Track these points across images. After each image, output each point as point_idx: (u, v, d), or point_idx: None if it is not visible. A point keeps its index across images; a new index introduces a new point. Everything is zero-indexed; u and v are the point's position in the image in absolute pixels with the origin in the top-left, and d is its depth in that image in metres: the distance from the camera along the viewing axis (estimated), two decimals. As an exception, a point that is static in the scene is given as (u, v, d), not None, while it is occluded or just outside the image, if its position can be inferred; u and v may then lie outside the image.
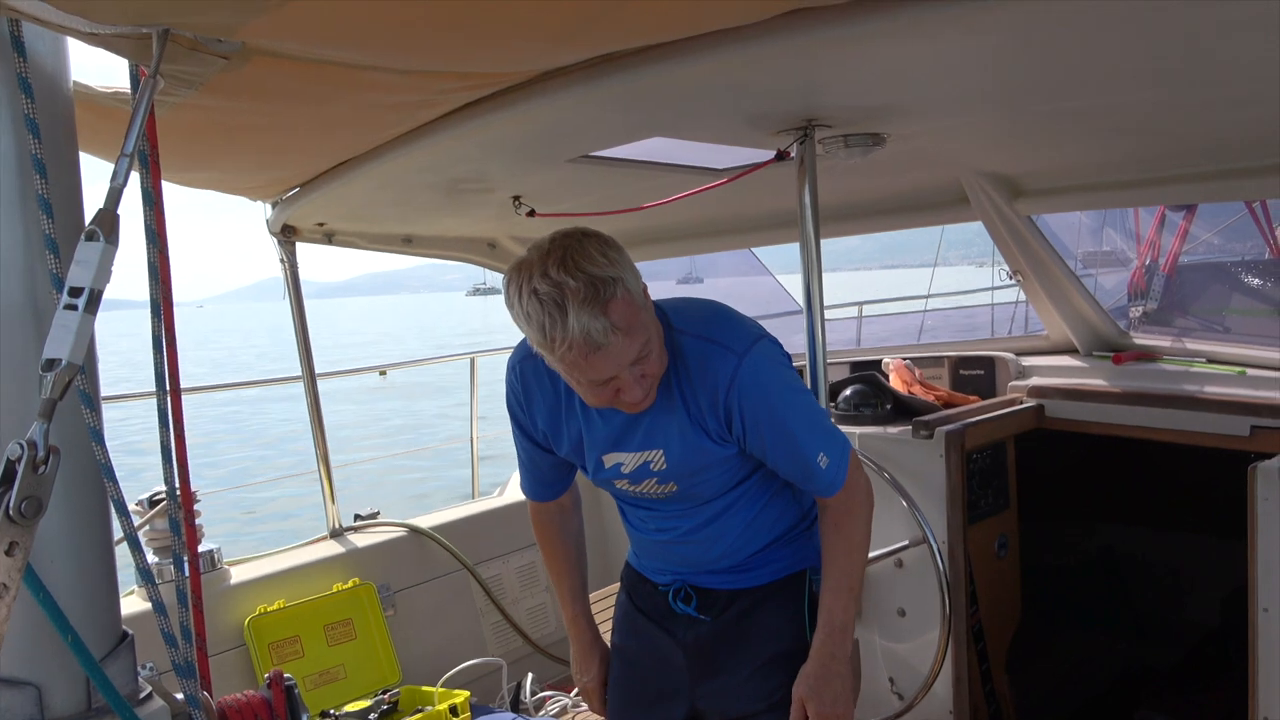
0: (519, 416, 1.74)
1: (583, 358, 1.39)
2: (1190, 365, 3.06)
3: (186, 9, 1.02)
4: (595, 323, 1.36)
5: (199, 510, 2.85)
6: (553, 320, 1.36)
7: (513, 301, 1.42)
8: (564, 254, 1.38)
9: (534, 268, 1.39)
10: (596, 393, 1.49)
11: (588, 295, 1.36)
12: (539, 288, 1.37)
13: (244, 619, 2.92)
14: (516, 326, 1.46)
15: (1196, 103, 1.88)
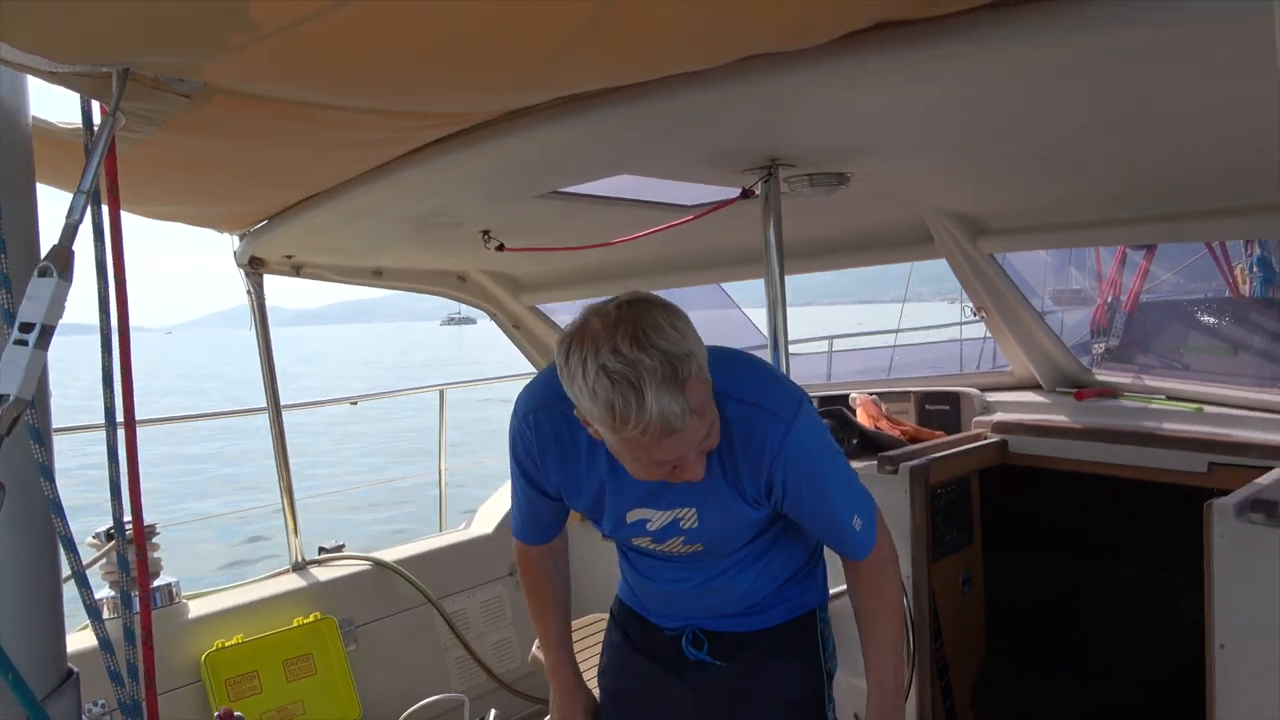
0: (526, 466, 1.63)
1: (655, 441, 1.28)
2: (1150, 402, 3.11)
3: (147, 49, 1.03)
4: (674, 405, 1.25)
5: (157, 544, 2.82)
6: (626, 402, 1.24)
7: (575, 375, 1.29)
8: (635, 326, 1.27)
9: (601, 341, 1.27)
10: (653, 471, 1.38)
11: (665, 375, 1.25)
12: (609, 364, 1.25)
13: (201, 654, 2.87)
14: (572, 397, 1.33)
15: (1149, 147, 1.93)
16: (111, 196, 1.15)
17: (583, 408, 1.32)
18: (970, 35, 1.17)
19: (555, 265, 3.50)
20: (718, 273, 3.64)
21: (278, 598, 3.16)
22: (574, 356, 1.30)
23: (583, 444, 1.54)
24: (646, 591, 1.81)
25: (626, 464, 1.41)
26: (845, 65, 1.28)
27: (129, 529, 1.24)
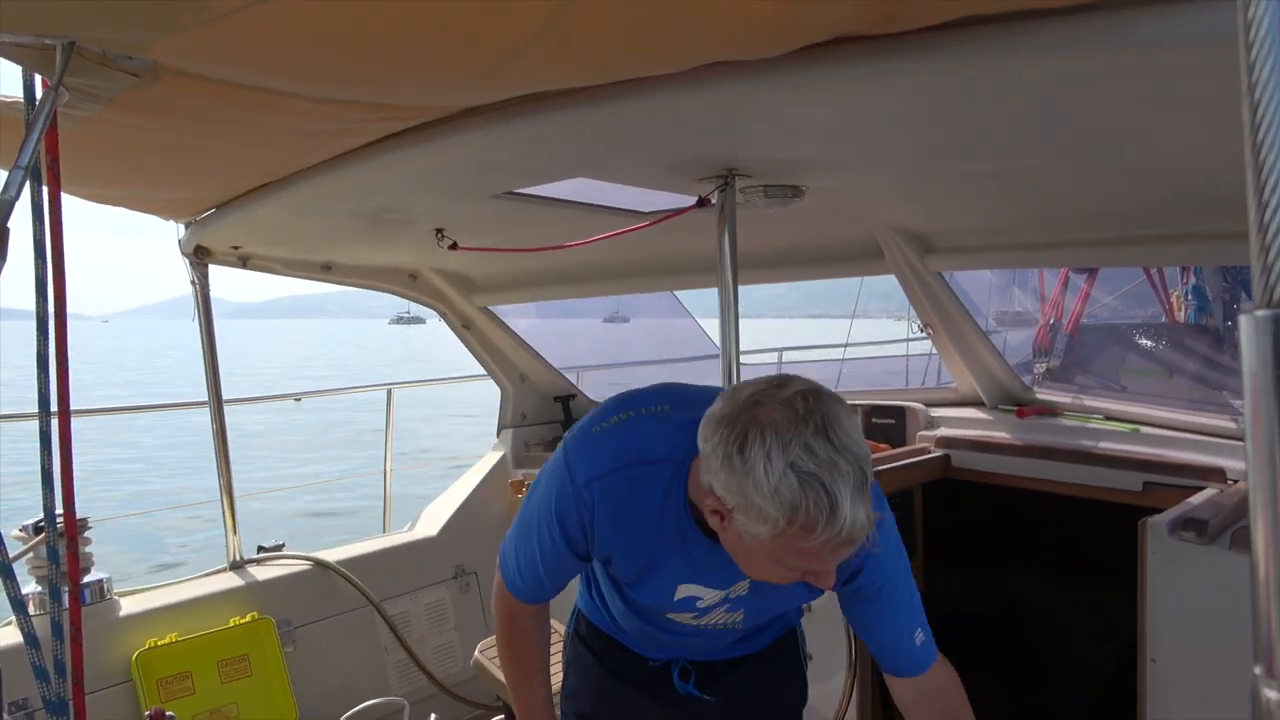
0: (570, 531, 1.44)
1: (830, 550, 1.16)
2: (1088, 421, 3.18)
3: (95, 23, 1.00)
4: (862, 516, 1.14)
5: (89, 537, 2.74)
6: (818, 508, 1.11)
7: (753, 469, 1.14)
8: (823, 422, 1.15)
9: (788, 434, 1.14)
10: (784, 576, 1.25)
11: (858, 481, 1.14)
12: (801, 463, 1.12)
13: (132, 653, 2.79)
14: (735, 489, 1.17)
15: (1091, 171, 1.98)
16: (51, 175, 1.12)
17: (744, 504, 1.17)
18: (925, 54, 1.19)
19: (509, 266, 3.48)
20: (672, 280, 3.65)
21: (214, 596, 3.09)
22: (754, 448, 1.15)
23: (649, 513, 1.39)
24: (638, 632, 1.70)
25: (753, 563, 1.27)
26: (803, 77, 1.30)
27: (60, 521, 1.20)
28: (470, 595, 3.88)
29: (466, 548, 3.92)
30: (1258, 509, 0.53)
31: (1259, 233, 0.51)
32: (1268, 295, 0.52)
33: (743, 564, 1.29)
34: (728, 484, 1.18)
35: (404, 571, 3.66)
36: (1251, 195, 0.51)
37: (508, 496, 4.13)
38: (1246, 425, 0.53)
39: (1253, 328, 0.52)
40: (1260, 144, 0.51)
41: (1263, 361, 0.52)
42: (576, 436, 1.45)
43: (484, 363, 4.21)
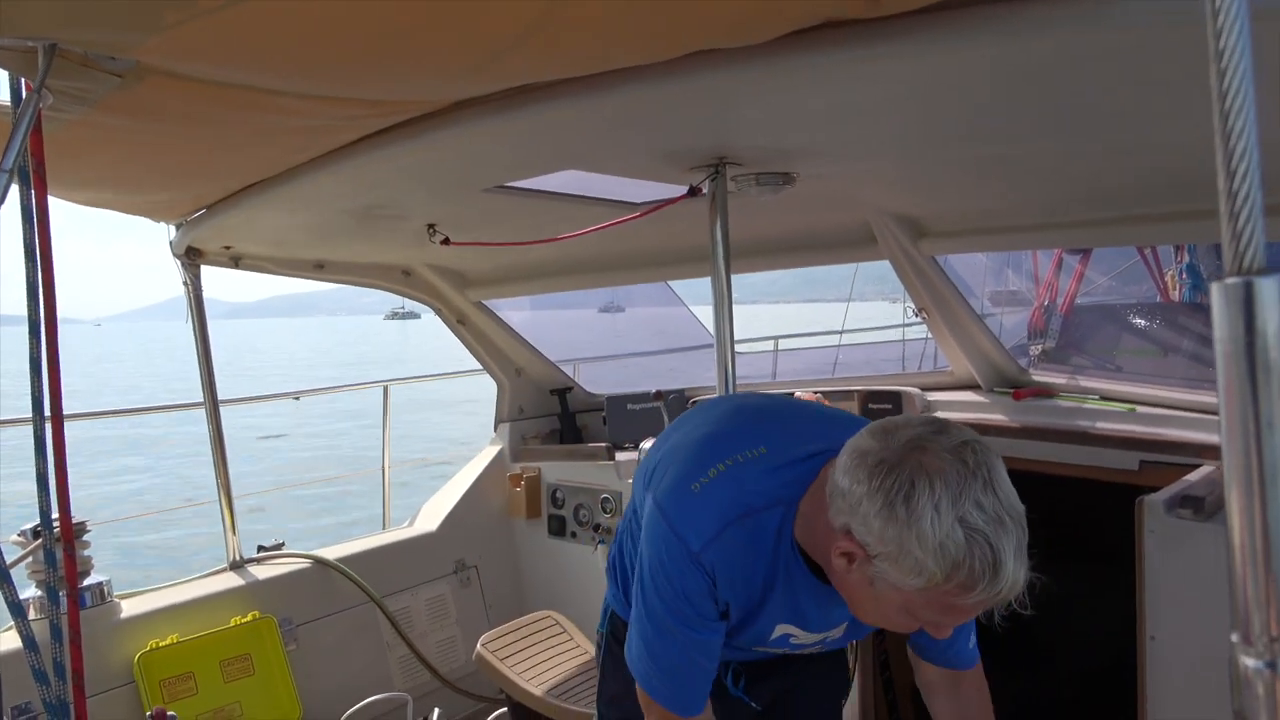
0: (703, 608, 1.36)
1: (976, 607, 1.12)
2: (1084, 402, 3.19)
3: (76, 25, 0.99)
4: (1021, 575, 1.10)
5: (87, 541, 2.74)
6: (983, 567, 1.07)
7: (919, 519, 1.09)
8: (990, 477, 1.11)
9: (958, 487, 1.09)
10: (904, 624, 1.22)
11: (1020, 543, 1.10)
12: (971, 519, 1.07)
13: (134, 655, 2.79)
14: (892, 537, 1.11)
15: (1086, 152, 1.97)
16: (38, 178, 1.11)
17: (905, 555, 1.11)
18: (912, 37, 1.19)
19: (502, 260, 3.48)
20: (665, 270, 3.64)
21: (214, 597, 3.09)
22: (923, 498, 1.09)
23: (763, 560, 1.34)
24: None
25: (879, 610, 1.22)
26: (790, 64, 1.29)
27: (57, 525, 1.20)
28: (471, 589, 3.89)
29: (466, 542, 3.93)
30: (1231, 476, 0.53)
31: (1227, 200, 0.52)
32: (1237, 263, 0.52)
33: (859, 608, 1.25)
34: (883, 532, 1.12)
35: (404, 567, 3.67)
36: (1220, 164, 0.52)
37: (506, 490, 4.13)
38: (1220, 393, 0.54)
39: (1223, 296, 0.52)
40: (1227, 112, 0.51)
41: (1234, 328, 0.52)
42: (673, 499, 1.36)
43: (479, 357, 4.20)
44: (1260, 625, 0.54)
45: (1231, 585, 0.54)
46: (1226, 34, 0.51)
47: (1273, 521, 0.53)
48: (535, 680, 3.11)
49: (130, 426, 21.30)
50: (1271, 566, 0.53)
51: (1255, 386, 0.52)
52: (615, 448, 3.85)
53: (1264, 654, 0.54)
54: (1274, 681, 0.53)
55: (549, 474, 4.06)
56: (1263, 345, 0.52)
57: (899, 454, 1.13)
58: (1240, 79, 0.51)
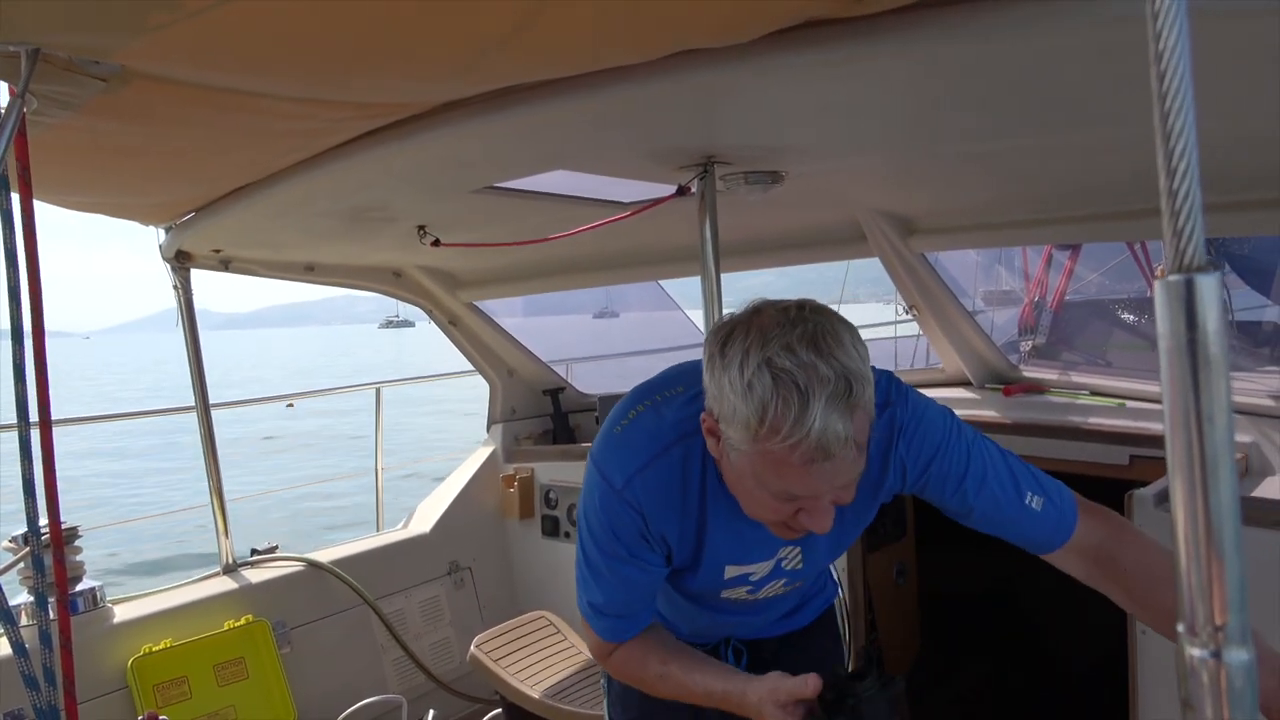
0: (635, 546, 1.36)
1: (803, 464, 1.10)
2: (1075, 397, 3.20)
3: (60, 29, 0.99)
4: (838, 426, 1.07)
5: (79, 547, 2.73)
6: (787, 405, 1.06)
7: (730, 365, 1.12)
8: (815, 331, 1.11)
9: (772, 335, 1.10)
10: (776, 508, 1.20)
11: (838, 390, 1.07)
12: (776, 360, 1.08)
13: (128, 660, 2.79)
14: (713, 393, 1.16)
15: (1069, 148, 1.98)
16: (23, 183, 1.11)
17: (722, 406, 1.14)
18: (895, 35, 1.19)
19: (492, 261, 3.48)
20: (656, 270, 3.65)
21: (208, 600, 3.09)
22: (734, 345, 1.12)
23: (692, 491, 1.34)
24: (688, 617, 1.64)
25: (745, 492, 1.22)
26: (775, 63, 1.30)
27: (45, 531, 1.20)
28: (465, 591, 3.89)
29: (460, 543, 3.93)
30: (1175, 468, 0.54)
31: (1169, 199, 0.52)
32: (1178, 260, 0.53)
33: (740, 499, 1.25)
34: (710, 387, 1.17)
35: (398, 569, 3.66)
36: (1161, 164, 0.52)
37: (499, 491, 4.13)
38: (1163, 387, 0.55)
39: (1165, 292, 0.53)
40: (1167, 112, 0.52)
41: (1175, 324, 0.53)
42: (600, 444, 1.39)
43: (471, 358, 4.20)
44: (1204, 615, 0.54)
45: (1176, 576, 0.55)
46: (1166, 34, 0.52)
47: (1214, 513, 0.54)
48: (530, 681, 3.11)
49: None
50: (1213, 557, 0.54)
51: (1196, 380, 0.53)
52: (608, 447, 3.86)
53: (1208, 643, 0.55)
54: (1218, 670, 0.54)
55: (542, 474, 4.06)
56: (1203, 340, 0.53)
57: (734, 316, 1.18)
58: (1180, 79, 0.52)
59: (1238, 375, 3.14)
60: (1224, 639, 0.54)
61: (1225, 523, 0.54)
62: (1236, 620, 0.54)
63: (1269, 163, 1.99)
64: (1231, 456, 0.54)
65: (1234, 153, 1.87)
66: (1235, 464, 0.55)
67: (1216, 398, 0.53)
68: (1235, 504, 0.54)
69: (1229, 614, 0.54)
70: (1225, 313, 0.54)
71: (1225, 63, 1.23)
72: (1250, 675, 0.55)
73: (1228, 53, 1.19)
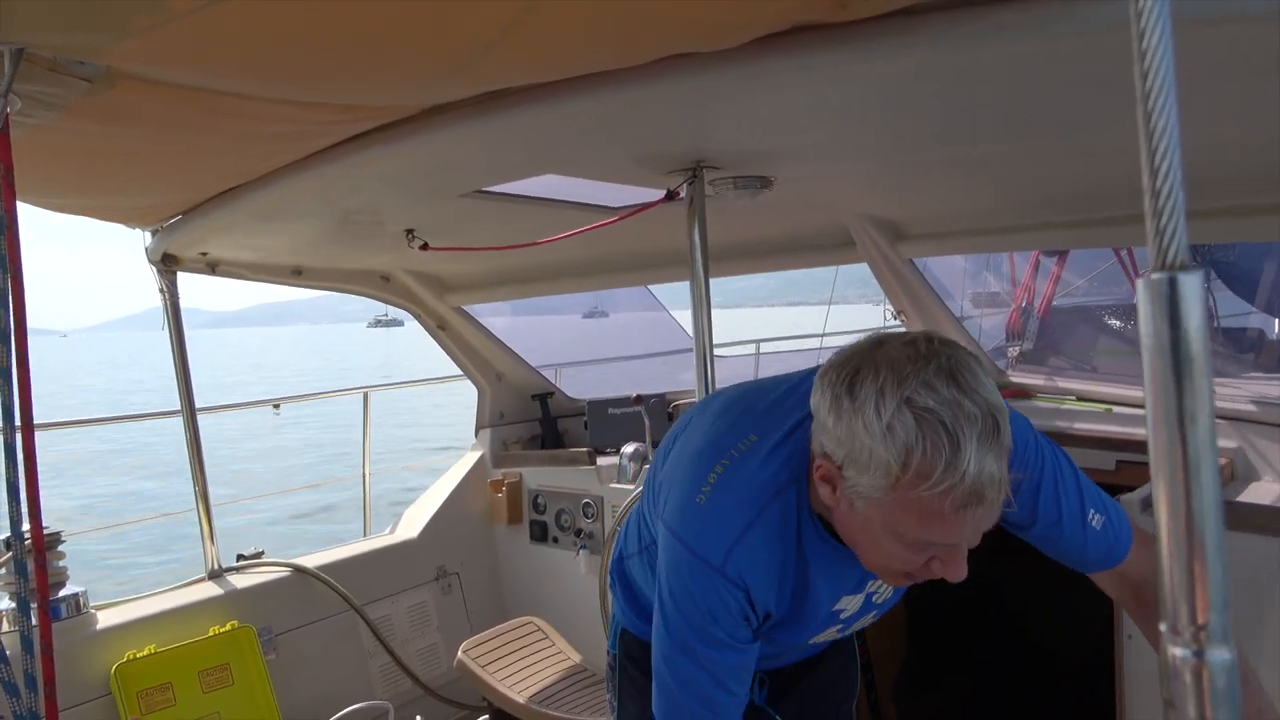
0: (729, 628, 1.22)
1: (954, 510, 1.01)
2: (1062, 402, 3.21)
3: (44, 29, 0.99)
4: (993, 467, 0.99)
5: (62, 552, 2.71)
6: (936, 449, 0.98)
7: (862, 408, 1.03)
8: (951, 365, 1.02)
9: (902, 371, 1.02)
10: (906, 559, 1.11)
11: (988, 428, 0.99)
12: (917, 399, 0.99)
13: (111, 666, 2.76)
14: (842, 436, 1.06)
15: (1058, 154, 1.99)
16: (6, 185, 1.10)
17: (853, 452, 1.05)
18: (881, 41, 1.20)
19: (480, 265, 3.47)
20: (644, 274, 3.65)
21: (193, 606, 3.06)
22: (864, 385, 1.03)
23: (789, 547, 1.24)
24: None
25: (871, 543, 1.12)
26: (763, 68, 1.30)
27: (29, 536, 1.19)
28: (452, 596, 3.87)
29: (447, 549, 3.91)
30: (1158, 469, 0.54)
31: (1151, 198, 0.53)
32: (1161, 258, 0.53)
33: (860, 548, 1.15)
34: (835, 431, 1.06)
35: (385, 574, 3.65)
36: (1144, 163, 0.53)
37: (487, 496, 4.12)
38: (1145, 387, 0.55)
39: (1147, 291, 0.53)
40: (1150, 112, 0.52)
41: (1158, 323, 0.53)
42: (681, 517, 1.25)
43: (460, 363, 4.19)
44: (1186, 615, 0.55)
45: (1159, 576, 0.55)
46: (1149, 34, 0.52)
47: (1196, 513, 0.54)
48: (517, 687, 3.10)
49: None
50: (1196, 556, 0.54)
51: (1179, 380, 0.53)
52: (597, 452, 3.85)
53: (1190, 643, 0.55)
54: (1200, 669, 0.55)
55: (530, 479, 4.05)
56: (1185, 340, 0.53)
57: (853, 353, 1.10)
58: (1162, 79, 0.52)
59: (1222, 381, 3.16)
60: (1206, 638, 0.55)
61: (1208, 522, 0.54)
62: (1219, 620, 0.54)
63: (1253, 169, 2.00)
64: (1214, 456, 0.54)
65: (1218, 159, 1.88)
66: (1218, 463, 0.55)
67: (1199, 397, 0.53)
68: (1218, 503, 0.54)
69: (1211, 613, 0.54)
70: (1208, 312, 0.54)
71: (1209, 69, 1.24)
72: (1232, 674, 0.55)
73: (1211, 59, 1.20)
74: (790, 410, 1.27)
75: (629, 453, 3.57)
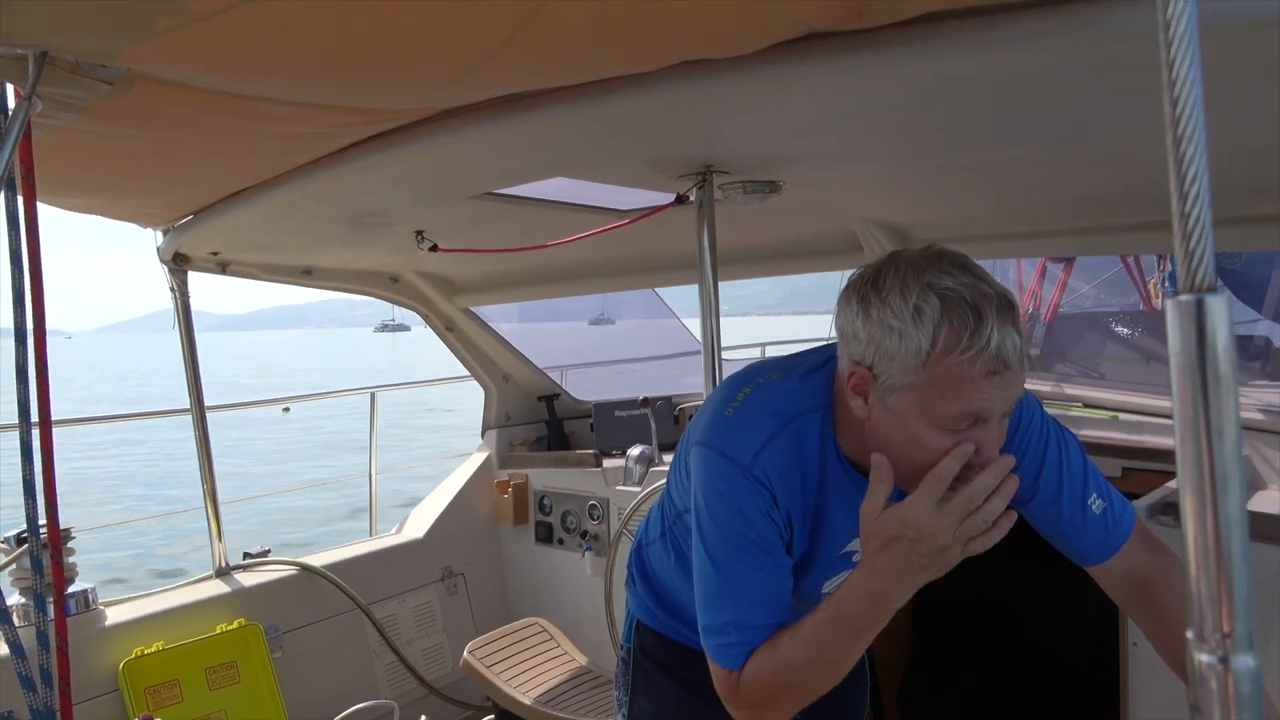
0: (763, 529, 1.25)
1: (985, 376, 1.08)
2: (1068, 409, 3.22)
3: (67, 33, 1.00)
4: (1013, 338, 1.08)
5: (73, 549, 2.72)
6: (962, 321, 1.07)
7: (886, 300, 1.12)
8: (962, 259, 1.14)
9: (919, 265, 1.12)
10: (951, 440, 1.13)
11: (1004, 304, 1.09)
12: (939, 282, 1.09)
13: (119, 663, 2.78)
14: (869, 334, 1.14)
15: (1068, 161, 2.00)
16: (27, 186, 1.12)
17: (884, 345, 1.12)
18: (895, 49, 1.20)
19: (489, 267, 3.48)
20: (653, 278, 3.66)
21: (200, 604, 3.08)
22: (888, 281, 1.12)
23: (813, 468, 1.28)
24: None
25: (907, 437, 1.15)
26: (776, 74, 1.31)
27: (44, 531, 1.20)
28: (458, 596, 3.89)
29: (453, 549, 3.93)
30: (1185, 481, 0.56)
31: (1180, 221, 0.54)
32: (1190, 280, 0.54)
33: (896, 454, 1.16)
34: (865, 332, 1.14)
35: (391, 574, 3.66)
36: (1173, 185, 0.54)
37: (493, 497, 4.13)
38: (1174, 403, 0.56)
39: (1177, 312, 0.55)
40: (1180, 137, 0.54)
41: (1186, 342, 0.55)
42: (711, 428, 1.31)
43: (467, 364, 4.21)
44: (1213, 622, 0.56)
45: (1186, 585, 0.56)
46: (1179, 61, 0.53)
47: (1223, 524, 0.55)
48: (522, 688, 3.11)
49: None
50: (1222, 566, 0.55)
51: (1207, 396, 0.54)
52: (602, 454, 3.86)
53: (1216, 650, 0.56)
54: (1226, 676, 0.56)
55: (536, 481, 4.06)
56: (1213, 358, 0.54)
57: (868, 267, 1.20)
58: (1192, 104, 0.53)
59: (1230, 389, 3.15)
60: (1231, 645, 0.56)
61: (1234, 533, 0.55)
62: (1243, 627, 0.56)
63: (1266, 176, 2.00)
64: (1240, 469, 0.56)
65: (1232, 167, 1.88)
66: (1244, 477, 0.56)
67: (1226, 413, 0.55)
68: (1243, 515, 0.56)
69: (1236, 622, 0.55)
70: (1233, 331, 0.55)
71: (1224, 76, 1.24)
72: (1257, 680, 0.56)
73: (1227, 66, 1.20)
74: (813, 358, 1.36)
75: (635, 455, 3.58)
